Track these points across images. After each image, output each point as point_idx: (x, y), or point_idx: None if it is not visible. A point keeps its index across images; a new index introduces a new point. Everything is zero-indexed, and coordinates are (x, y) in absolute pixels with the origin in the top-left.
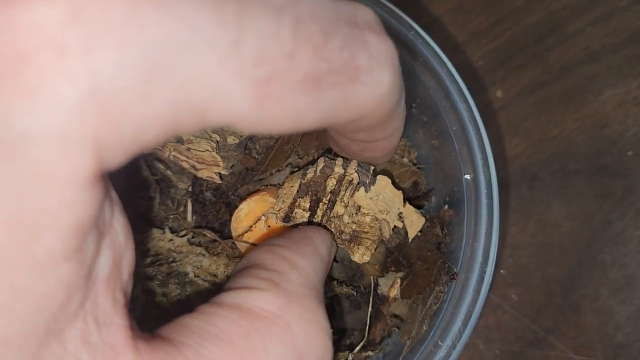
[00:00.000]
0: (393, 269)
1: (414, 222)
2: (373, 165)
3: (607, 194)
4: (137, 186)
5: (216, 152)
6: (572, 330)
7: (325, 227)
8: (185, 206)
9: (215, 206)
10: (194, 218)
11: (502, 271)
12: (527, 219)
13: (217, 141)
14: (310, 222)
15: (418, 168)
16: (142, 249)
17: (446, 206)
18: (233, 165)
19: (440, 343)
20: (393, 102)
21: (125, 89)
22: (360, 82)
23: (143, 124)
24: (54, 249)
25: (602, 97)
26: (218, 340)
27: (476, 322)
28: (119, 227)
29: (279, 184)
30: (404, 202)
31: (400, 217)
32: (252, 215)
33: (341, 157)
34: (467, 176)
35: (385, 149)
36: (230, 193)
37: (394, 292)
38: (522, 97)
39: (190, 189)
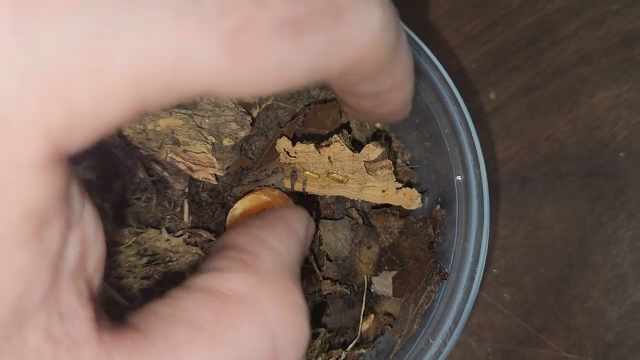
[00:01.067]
0: (386, 268)
1: (407, 192)
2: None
3: (598, 195)
4: (134, 187)
5: (212, 154)
6: (563, 329)
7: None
8: (182, 207)
9: (211, 207)
10: (190, 218)
11: (494, 271)
12: (518, 220)
13: (213, 143)
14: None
15: (411, 169)
16: (138, 249)
17: (438, 206)
18: (229, 166)
19: (431, 341)
20: (389, 44)
21: (69, 65)
22: (345, 21)
23: (99, 100)
24: (5, 237)
25: (594, 100)
26: (188, 325)
27: (467, 321)
28: (89, 219)
29: (273, 184)
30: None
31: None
32: (247, 215)
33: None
34: (459, 177)
35: (398, 101)
36: (227, 194)
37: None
38: (515, 99)
39: (186, 190)
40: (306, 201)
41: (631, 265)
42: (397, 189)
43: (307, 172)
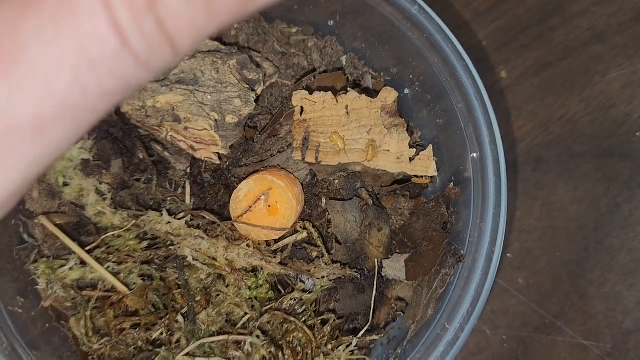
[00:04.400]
0: (398, 251)
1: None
2: None
3: (614, 176)
4: (134, 168)
5: (214, 131)
6: (580, 315)
7: None
8: (184, 188)
9: (214, 188)
10: (192, 200)
11: (508, 255)
12: (532, 202)
13: (216, 120)
14: None
15: (422, 147)
16: (138, 232)
17: (451, 184)
18: (232, 145)
19: (447, 326)
20: None
21: None
22: None
23: None
24: None
25: (607, 78)
26: None
27: (484, 305)
28: None
29: (278, 164)
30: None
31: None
32: (251, 195)
33: None
34: (474, 154)
35: None
36: (230, 175)
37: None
38: (527, 78)
39: (188, 171)
40: (316, 187)
41: None
42: (410, 147)
43: (320, 136)
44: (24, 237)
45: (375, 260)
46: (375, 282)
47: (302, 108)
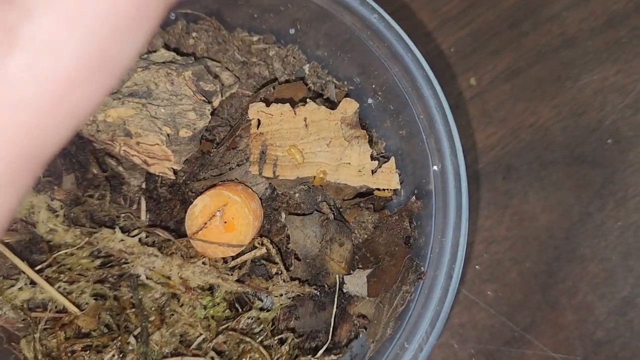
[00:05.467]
0: (360, 266)
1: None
2: None
3: (585, 184)
4: (87, 183)
5: (166, 146)
6: (550, 327)
7: None
8: (139, 204)
9: (169, 203)
10: (148, 216)
11: (476, 267)
12: (502, 211)
13: (168, 134)
14: None
15: (386, 158)
16: (91, 250)
17: (414, 197)
18: (187, 159)
19: (406, 345)
20: None
21: None
22: None
23: None
24: None
25: (579, 84)
26: None
27: (445, 322)
28: None
29: (236, 178)
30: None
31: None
32: (207, 212)
33: None
34: (435, 167)
35: None
36: (187, 189)
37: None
38: (497, 84)
39: (143, 186)
40: (275, 201)
41: (620, 258)
42: (373, 159)
43: (278, 149)
44: None
45: (337, 276)
46: (336, 299)
47: (258, 121)
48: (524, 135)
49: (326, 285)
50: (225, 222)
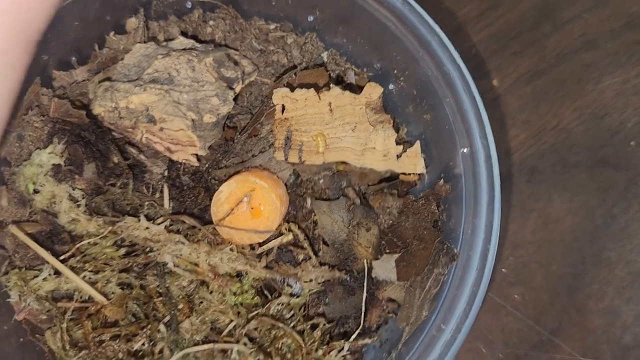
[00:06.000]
0: (388, 250)
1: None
2: None
3: (609, 186)
4: (108, 172)
5: (192, 131)
6: (578, 331)
7: None
8: (162, 192)
9: (193, 191)
10: (171, 204)
11: (503, 270)
12: (527, 214)
13: (193, 119)
14: None
15: (409, 143)
16: (115, 240)
17: (441, 181)
18: (211, 146)
19: (443, 327)
20: None
21: None
22: None
23: None
24: None
25: (600, 86)
26: None
27: (481, 303)
28: None
29: (260, 165)
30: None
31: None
32: (233, 197)
33: None
34: (464, 150)
35: None
36: (210, 177)
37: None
38: (519, 86)
39: (166, 174)
40: (300, 187)
41: None
42: (397, 143)
43: (303, 134)
44: None
45: (365, 261)
46: (365, 284)
47: (283, 106)
48: (547, 138)
49: (354, 271)
50: (252, 208)
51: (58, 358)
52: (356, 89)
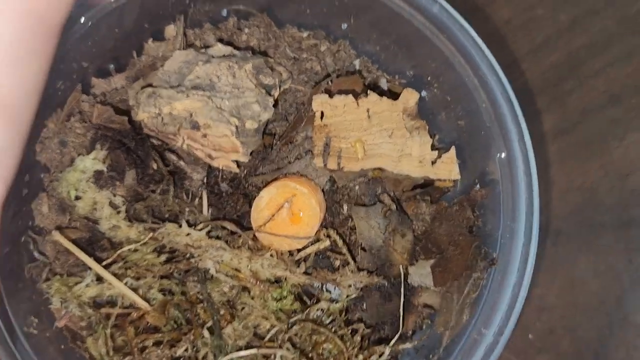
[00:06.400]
0: (423, 257)
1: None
2: None
3: (636, 248)
4: (148, 179)
5: (236, 137)
6: None
7: None
8: (200, 199)
9: (232, 197)
10: (210, 211)
11: (530, 336)
12: (552, 277)
13: (237, 126)
14: None
15: (442, 150)
16: (156, 246)
17: (477, 186)
18: (252, 151)
19: (484, 331)
20: None
21: None
22: None
23: None
24: None
25: (625, 142)
26: None
27: (522, 306)
28: None
29: (298, 171)
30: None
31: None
32: (273, 204)
33: None
34: (501, 155)
35: None
36: (248, 184)
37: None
38: (543, 144)
39: (205, 180)
40: (336, 193)
41: None
42: (433, 149)
43: (342, 141)
44: (35, 254)
45: (401, 266)
46: (402, 289)
47: (322, 113)
48: (572, 198)
49: (391, 276)
50: (293, 214)
51: None
52: (389, 96)
